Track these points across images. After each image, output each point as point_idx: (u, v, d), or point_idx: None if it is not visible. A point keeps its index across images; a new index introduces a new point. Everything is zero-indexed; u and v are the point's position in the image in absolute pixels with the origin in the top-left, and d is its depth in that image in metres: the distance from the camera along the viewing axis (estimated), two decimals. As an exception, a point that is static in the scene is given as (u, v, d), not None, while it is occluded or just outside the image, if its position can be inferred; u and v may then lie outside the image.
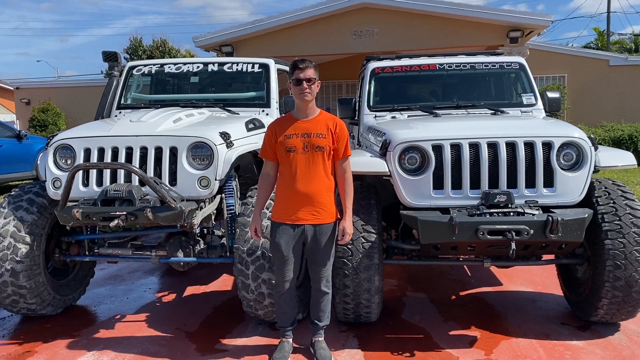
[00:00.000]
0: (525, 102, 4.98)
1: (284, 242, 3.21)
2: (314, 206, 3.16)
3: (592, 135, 3.69)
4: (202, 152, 3.72)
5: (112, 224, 3.50)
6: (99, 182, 3.76)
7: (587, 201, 3.63)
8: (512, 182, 3.52)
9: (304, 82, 3.08)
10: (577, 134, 3.59)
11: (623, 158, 3.87)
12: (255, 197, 3.42)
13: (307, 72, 3.09)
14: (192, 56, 21.95)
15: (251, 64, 5.38)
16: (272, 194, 3.45)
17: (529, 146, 3.52)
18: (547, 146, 3.53)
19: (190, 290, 4.97)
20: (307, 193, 3.13)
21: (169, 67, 5.47)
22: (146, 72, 5.47)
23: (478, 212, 3.41)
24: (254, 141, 4.30)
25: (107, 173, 3.75)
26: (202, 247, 4.07)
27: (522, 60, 5.25)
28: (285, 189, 3.19)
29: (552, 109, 4.93)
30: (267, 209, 3.61)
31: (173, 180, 3.72)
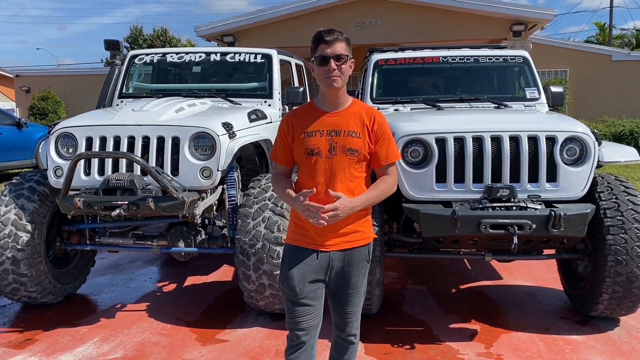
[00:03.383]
0: (528, 96, 4.96)
1: (298, 274, 2.31)
2: (343, 226, 2.31)
3: (595, 130, 3.68)
4: (204, 143, 3.71)
5: (114, 213, 3.49)
6: (101, 171, 3.75)
7: (590, 196, 3.63)
8: (515, 177, 3.51)
9: (332, 60, 2.21)
10: (581, 129, 3.58)
11: (626, 153, 3.88)
12: (275, 192, 2.52)
13: (336, 46, 2.22)
14: (193, 46, 21.87)
15: (254, 55, 5.35)
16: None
17: (533, 140, 3.51)
18: (551, 141, 3.52)
19: (190, 280, 4.98)
20: None
21: (171, 56, 5.43)
22: (148, 61, 5.44)
23: (480, 206, 3.41)
24: (256, 132, 4.29)
25: (109, 162, 3.74)
26: (203, 237, 4.07)
27: (526, 54, 5.23)
28: None
29: (555, 104, 4.91)
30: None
31: (175, 170, 3.71)
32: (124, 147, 3.71)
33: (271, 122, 4.69)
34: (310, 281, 2.33)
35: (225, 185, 3.96)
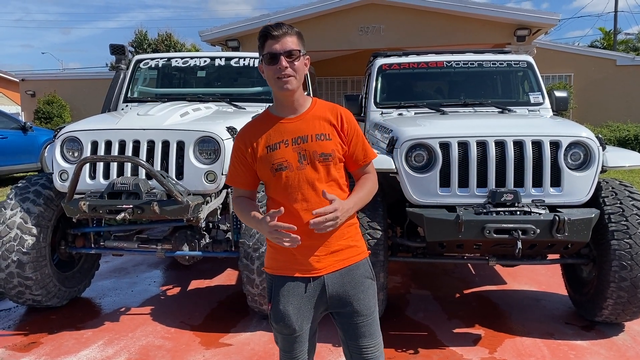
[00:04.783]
0: (532, 101, 4.97)
1: (295, 309, 2.02)
2: (332, 244, 2.02)
3: (599, 135, 3.68)
4: (208, 147, 3.73)
5: (119, 217, 3.51)
6: (106, 175, 3.77)
7: (594, 201, 3.62)
8: (519, 181, 3.51)
9: (282, 57, 1.92)
10: (585, 134, 3.57)
11: (630, 158, 3.86)
12: (239, 213, 2.12)
13: (285, 41, 1.93)
14: (198, 50, 21.95)
15: (258, 59, 5.36)
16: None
17: (537, 145, 3.51)
18: (555, 145, 3.52)
19: (194, 284, 4.99)
20: None
21: (176, 61, 5.47)
22: (153, 65, 5.48)
23: (484, 210, 3.41)
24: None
25: (114, 166, 3.76)
26: (207, 241, 4.08)
27: (530, 59, 5.23)
28: None
29: (560, 108, 4.92)
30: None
31: (180, 174, 3.72)
32: (129, 151, 3.73)
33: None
34: (307, 315, 2.05)
35: (229, 189, 3.97)
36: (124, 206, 3.52)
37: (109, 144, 3.78)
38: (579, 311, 4.05)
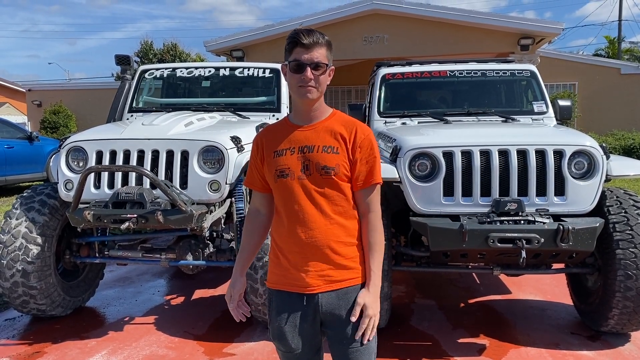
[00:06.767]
0: (536, 110, 4.96)
1: (291, 326, 1.94)
2: (327, 261, 1.90)
3: (603, 144, 3.67)
4: (213, 156, 3.75)
5: (123, 226, 3.52)
6: (111, 185, 3.79)
7: (599, 210, 3.61)
8: (523, 190, 3.51)
9: (309, 68, 1.85)
10: (589, 143, 3.57)
11: (635, 167, 3.85)
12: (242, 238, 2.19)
13: (315, 52, 1.85)
14: (202, 60, 22.07)
15: (262, 69, 5.41)
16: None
17: (540, 154, 3.51)
18: (559, 154, 3.52)
19: (198, 293, 4.99)
20: (314, 242, 1.89)
21: (181, 71, 5.51)
22: (158, 75, 5.51)
23: (488, 219, 3.40)
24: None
25: (118, 175, 3.78)
26: (211, 250, 4.09)
27: (534, 68, 5.24)
28: (281, 237, 1.98)
29: (563, 117, 4.93)
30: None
31: (184, 183, 3.74)
32: (133, 161, 3.75)
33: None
34: (305, 333, 1.95)
35: (233, 199, 3.98)
36: (128, 215, 3.53)
37: (113, 154, 3.80)
38: (584, 321, 4.02)
